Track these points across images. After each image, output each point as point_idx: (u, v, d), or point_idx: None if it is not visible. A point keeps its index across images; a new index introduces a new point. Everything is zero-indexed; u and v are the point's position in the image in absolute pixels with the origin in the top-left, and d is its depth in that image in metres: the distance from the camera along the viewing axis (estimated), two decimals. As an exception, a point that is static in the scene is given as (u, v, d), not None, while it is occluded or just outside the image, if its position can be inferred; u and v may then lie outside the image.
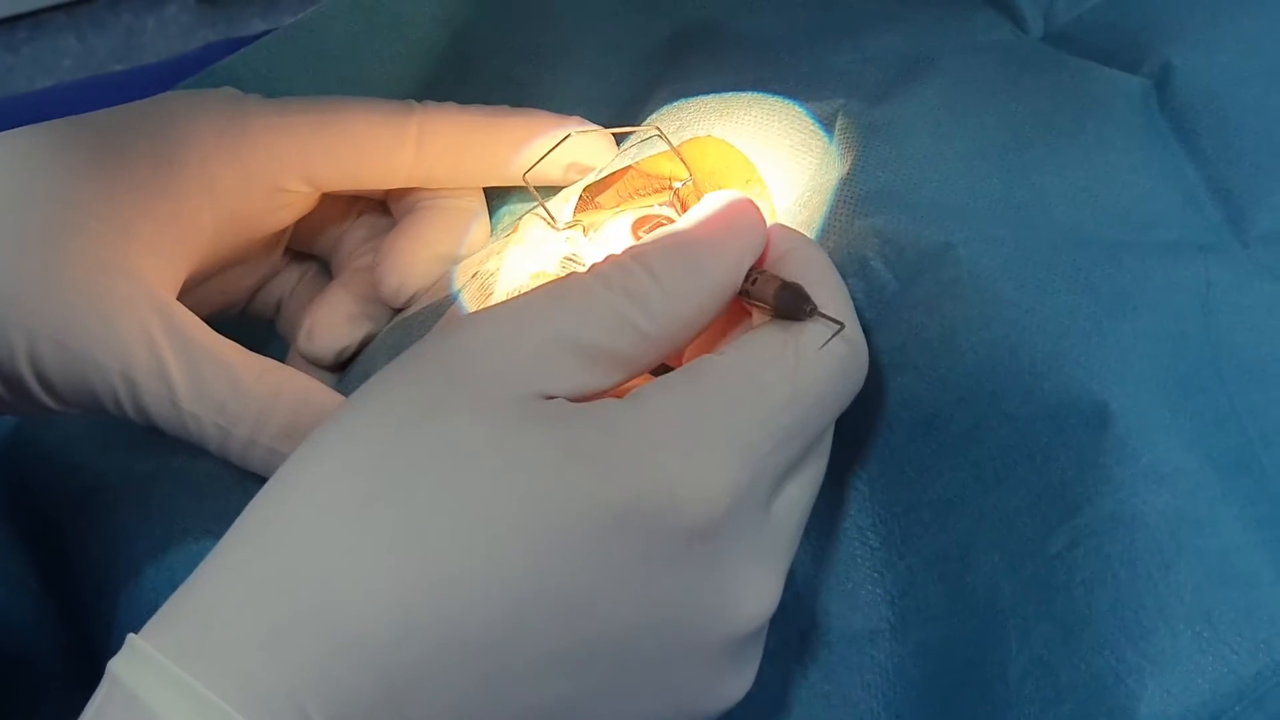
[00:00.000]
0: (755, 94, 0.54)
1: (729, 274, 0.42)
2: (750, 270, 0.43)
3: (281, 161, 0.52)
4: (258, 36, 0.65)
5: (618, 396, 0.40)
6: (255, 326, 0.60)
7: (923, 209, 0.48)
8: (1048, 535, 0.43)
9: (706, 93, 0.56)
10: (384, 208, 0.59)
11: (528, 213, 0.55)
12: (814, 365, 0.41)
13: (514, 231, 0.54)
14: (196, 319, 0.49)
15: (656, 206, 0.55)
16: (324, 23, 0.62)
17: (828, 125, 0.52)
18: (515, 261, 0.52)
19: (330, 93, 0.56)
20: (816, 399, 0.41)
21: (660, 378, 0.40)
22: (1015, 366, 0.44)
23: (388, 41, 0.63)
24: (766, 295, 0.42)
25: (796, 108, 0.53)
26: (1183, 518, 0.41)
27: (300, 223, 0.57)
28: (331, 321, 0.56)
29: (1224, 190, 0.50)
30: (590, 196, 0.53)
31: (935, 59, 0.54)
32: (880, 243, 0.48)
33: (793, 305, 0.41)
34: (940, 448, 0.46)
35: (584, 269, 0.52)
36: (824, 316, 0.41)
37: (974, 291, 0.46)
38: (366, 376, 0.52)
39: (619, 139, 0.58)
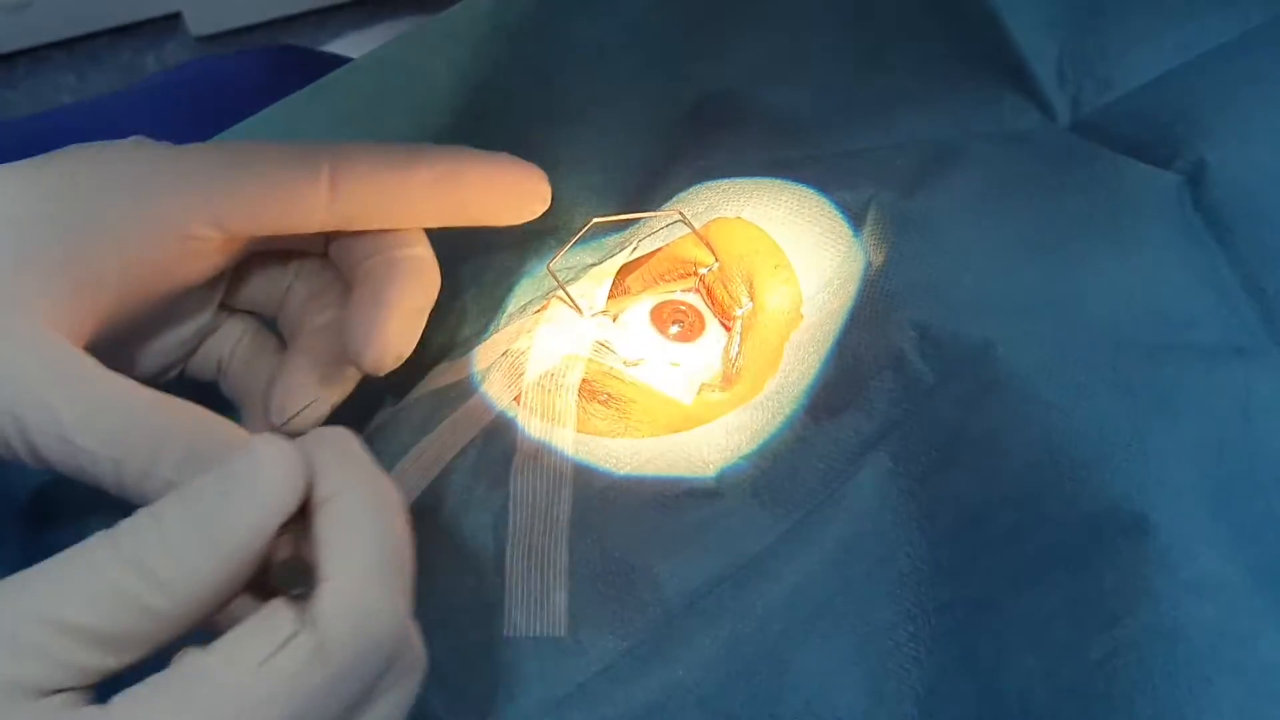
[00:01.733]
0: (785, 180, 0.53)
1: (247, 541, 0.37)
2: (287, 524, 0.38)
3: (187, 205, 0.49)
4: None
5: None
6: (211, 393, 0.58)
7: (960, 304, 0.48)
8: (1086, 643, 0.42)
9: (731, 170, 0.56)
10: (326, 261, 0.56)
11: (551, 294, 0.54)
12: (314, 660, 0.36)
13: (544, 309, 0.53)
14: (86, 355, 0.47)
15: (679, 292, 0.54)
16: (348, 78, 0.61)
17: (859, 216, 0.51)
18: (546, 342, 0.52)
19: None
20: (323, 693, 0.36)
21: (140, 685, 0.36)
22: (1056, 470, 0.44)
23: (408, 98, 0.62)
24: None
25: (825, 199, 0.52)
26: (1224, 631, 0.41)
27: (236, 279, 0.55)
28: (303, 388, 0.53)
29: (1259, 290, 0.50)
30: (621, 280, 0.53)
31: (965, 148, 0.54)
32: (917, 337, 0.47)
33: (286, 583, 0.38)
34: (980, 546, 0.45)
35: (616, 355, 0.51)
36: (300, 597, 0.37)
37: (1013, 392, 0.45)
38: (391, 456, 0.51)
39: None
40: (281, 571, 0.37)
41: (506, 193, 0.53)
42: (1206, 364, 0.46)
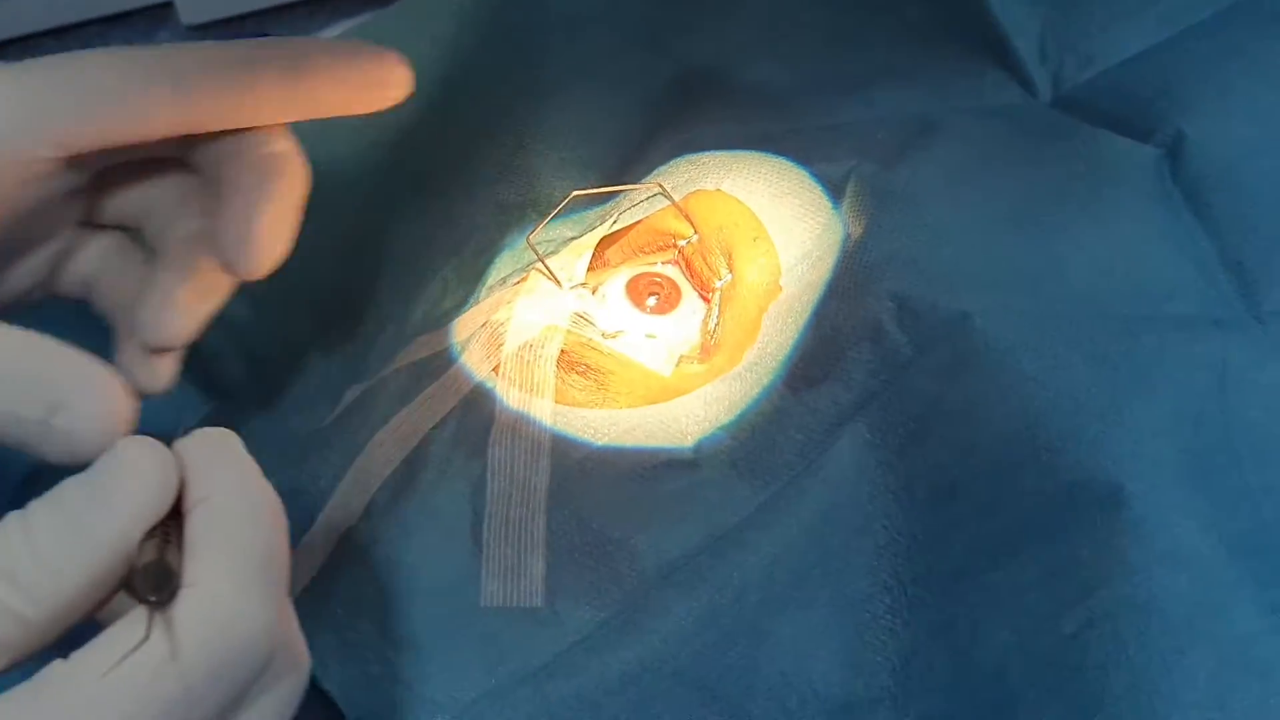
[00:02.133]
0: (765, 154, 0.53)
1: (113, 546, 0.36)
2: (157, 527, 0.37)
3: (21, 129, 0.45)
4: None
5: None
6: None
7: (938, 276, 0.48)
8: (1061, 614, 0.43)
9: (711, 143, 0.56)
10: (188, 168, 0.52)
11: (531, 266, 0.54)
12: (166, 668, 0.35)
13: (523, 280, 0.53)
14: None
15: (659, 264, 0.54)
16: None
17: (838, 188, 0.51)
18: (525, 313, 0.52)
19: (331, 123, 0.55)
20: (180, 701, 0.35)
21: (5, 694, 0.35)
22: (1032, 442, 0.44)
23: None
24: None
25: (805, 171, 0.52)
26: (1198, 603, 0.41)
27: (95, 193, 0.51)
28: (177, 304, 0.50)
29: (1237, 263, 0.50)
30: (601, 252, 0.53)
31: (946, 122, 0.54)
32: (895, 308, 0.47)
33: (148, 589, 0.35)
34: (956, 518, 0.45)
35: (594, 327, 0.51)
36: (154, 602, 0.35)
37: (991, 363, 0.45)
38: (370, 427, 0.51)
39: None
40: (144, 577, 0.36)
41: (359, 80, 0.49)
42: (1184, 336, 0.46)
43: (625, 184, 0.56)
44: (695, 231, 0.53)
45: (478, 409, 0.51)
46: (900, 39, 0.61)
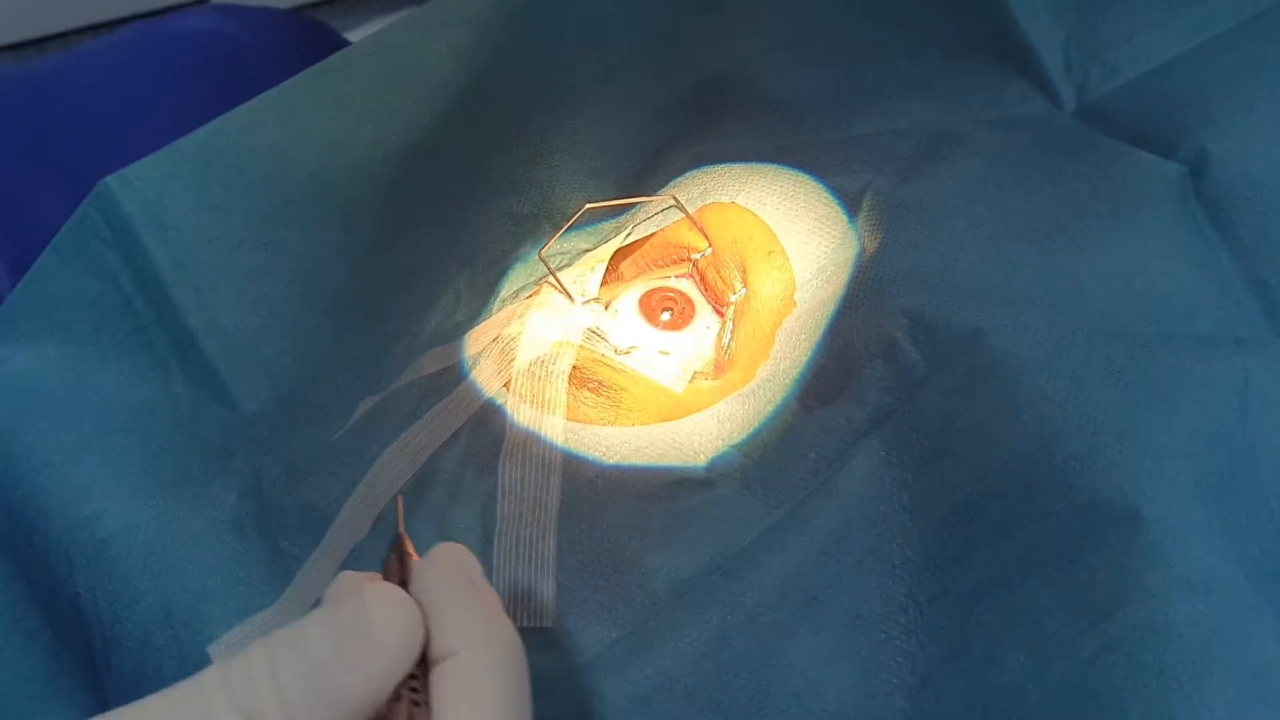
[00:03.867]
0: (782, 166, 0.53)
1: (365, 700, 0.35)
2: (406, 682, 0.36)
3: None
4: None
5: None
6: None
7: (953, 292, 0.47)
8: (1078, 638, 0.42)
9: (731, 155, 0.55)
10: None
11: (544, 280, 0.53)
12: None
13: (536, 294, 0.53)
14: None
15: (673, 278, 0.54)
16: (346, 64, 0.60)
17: (855, 202, 0.51)
18: (537, 328, 0.51)
19: (347, 133, 0.55)
20: None
21: None
22: (1048, 462, 0.43)
23: (408, 81, 0.61)
24: None
25: (821, 185, 0.52)
26: (1216, 629, 0.40)
27: None
28: None
29: (1260, 282, 0.49)
30: (615, 265, 0.52)
31: (966, 134, 0.53)
32: (910, 324, 0.47)
33: None
34: (971, 539, 0.45)
35: (607, 343, 0.51)
36: None
37: (1006, 381, 0.45)
38: (379, 442, 0.51)
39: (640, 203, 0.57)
40: None
41: None
42: (1204, 354, 0.45)
43: (640, 195, 0.56)
44: (710, 245, 0.52)
45: (488, 425, 0.50)
46: (922, 49, 0.61)
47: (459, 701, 0.36)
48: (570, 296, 0.52)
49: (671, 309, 0.53)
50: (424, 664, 0.37)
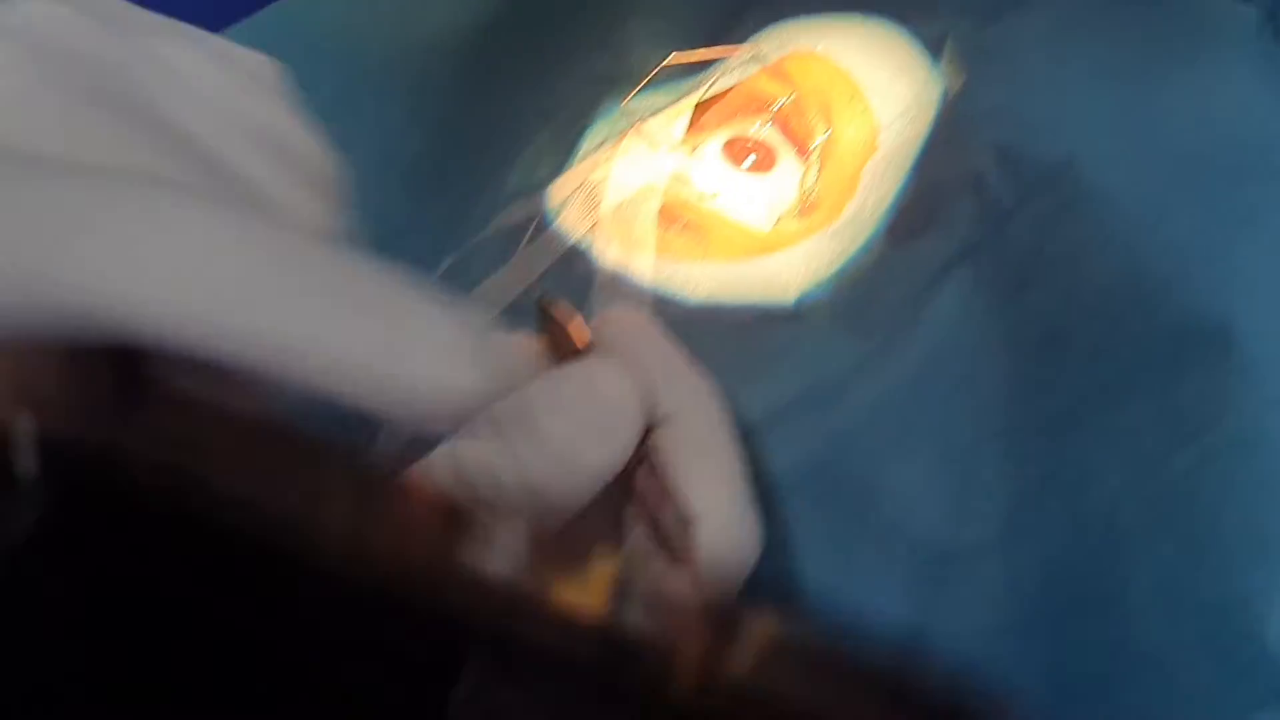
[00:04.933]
0: (862, 15, 0.53)
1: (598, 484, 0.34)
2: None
3: None
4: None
5: None
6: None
7: (1039, 125, 0.48)
8: (1171, 455, 0.43)
9: (810, 8, 0.55)
10: None
11: (628, 129, 0.54)
12: None
13: (620, 142, 0.53)
14: None
15: (756, 126, 0.54)
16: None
17: (936, 46, 0.51)
18: (623, 173, 0.52)
19: (418, 6, 0.55)
20: None
21: None
22: (1138, 286, 0.44)
23: None
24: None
25: (902, 30, 0.52)
26: (1309, 442, 0.41)
27: None
28: None
29: (1338, 120, 0.49)
30: (697, 117, 0.53)
31: (1044, -21, 0.53)
32: (997, 157, 0.47)
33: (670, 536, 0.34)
34: (1063, 364, 0.45)
35: (692, 188, 0.51)
36: None
37: (1094, 209, 0.45)
38: (463, 292, 0.51)
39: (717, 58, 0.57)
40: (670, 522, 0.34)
41: None
42: (1288, 184, 0.46)
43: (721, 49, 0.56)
44: (792, 92, 0.53)
45: (575, 268, 0.51)
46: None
47: (690, 459, 0.35)
48: (656, 142, 0.52)
49: (755, 153, 0.54)
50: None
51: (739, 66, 0.55)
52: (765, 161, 0.54)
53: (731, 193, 0.53)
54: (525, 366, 0.36)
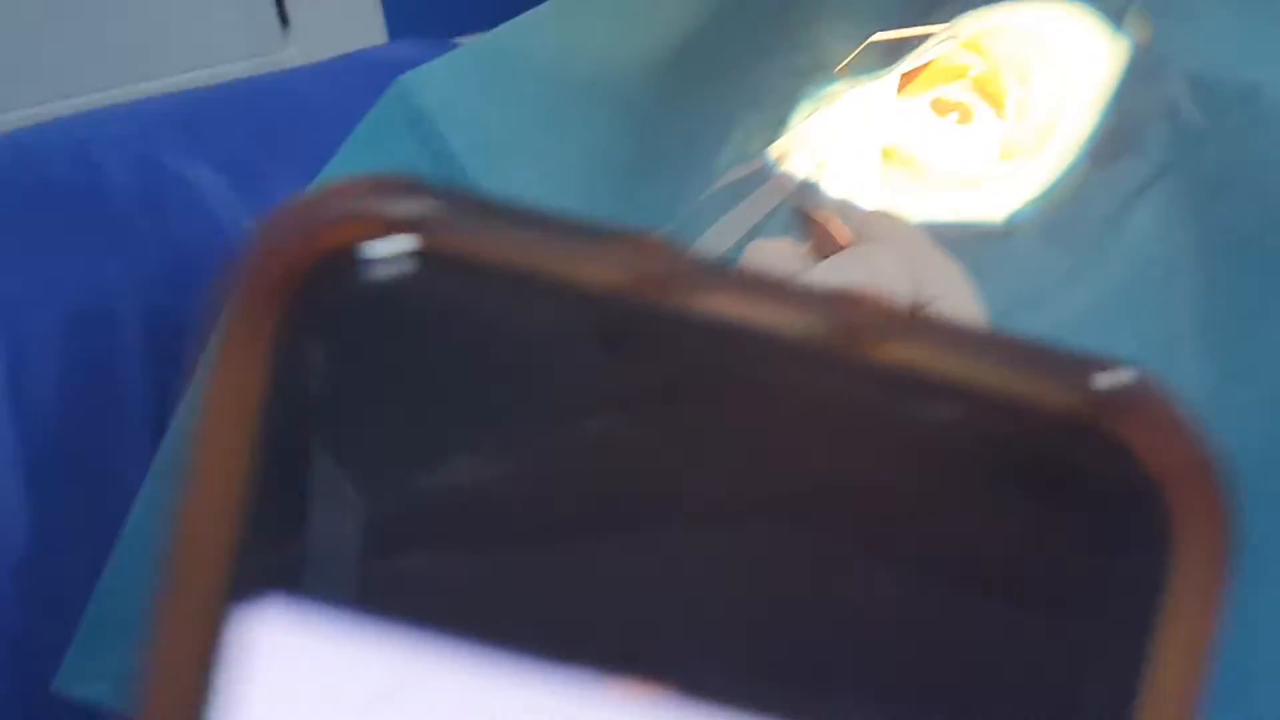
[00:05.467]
0: None
1: None
2: None
3: None
4: None
5: None
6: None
7: (1228, 57, 0.52)
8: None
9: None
10: None
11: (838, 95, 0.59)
12: None
13: (833, 103, 0.58)
14: None
15: (956, 89, 0.59)
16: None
17: (1119, 15, 0.56)
18: (842, 122, 0.57)
19: (624, 31, 0.60)
20: None
21: None
22: None
23: None
24: None
25: (1086, 4, 0.57)
26: None
27: None
28: None
29: None
30: (903, 84, 0.58)
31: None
32: (1190, 86, 0.52)
33: None
34: (1254, 265, 0.49)
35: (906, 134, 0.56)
36: None
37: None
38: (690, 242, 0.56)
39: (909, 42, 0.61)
40: None
41: None
42: None
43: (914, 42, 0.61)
44: (986, 60, 0.58)
45: (803, 203, 0.55)
46: None
47: None
48: (868, 100, 0.57)
49: (957, 111, 0.59)
50: None
51: (935, 45, 0.60)
52: (966, 117, 0.59)
53: (939, 141, 0.58)
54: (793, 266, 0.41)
